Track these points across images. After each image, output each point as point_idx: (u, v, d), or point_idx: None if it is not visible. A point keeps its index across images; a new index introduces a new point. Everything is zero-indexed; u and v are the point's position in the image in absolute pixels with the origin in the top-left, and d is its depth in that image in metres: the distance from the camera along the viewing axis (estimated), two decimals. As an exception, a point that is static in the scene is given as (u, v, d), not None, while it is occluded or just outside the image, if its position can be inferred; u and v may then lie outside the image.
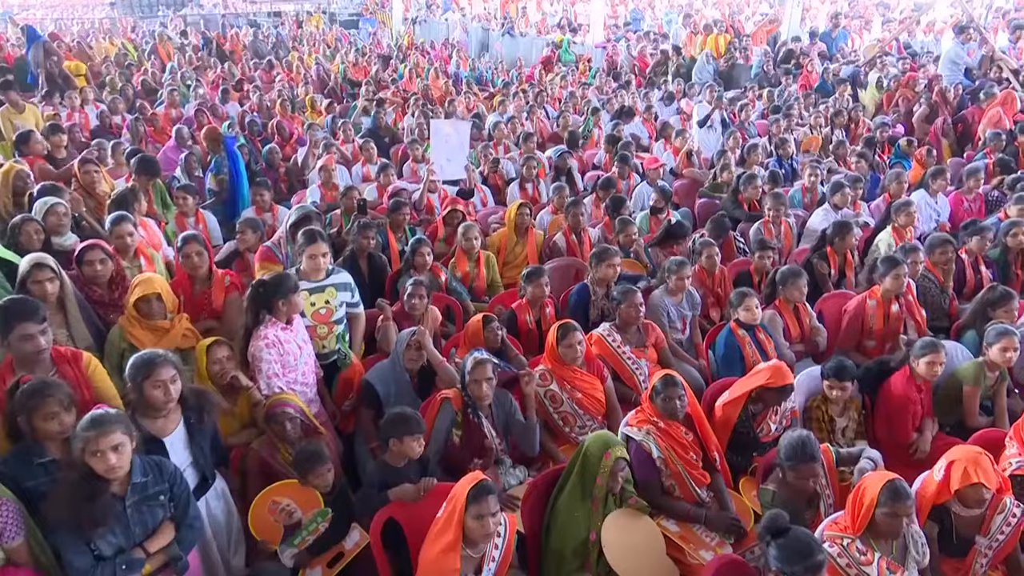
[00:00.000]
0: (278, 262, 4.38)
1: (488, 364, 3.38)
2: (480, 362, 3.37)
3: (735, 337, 4.14)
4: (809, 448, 2.94)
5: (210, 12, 23.33)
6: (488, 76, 14.66)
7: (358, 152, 7.98)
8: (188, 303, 3.95)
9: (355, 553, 3.00)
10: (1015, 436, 3.24)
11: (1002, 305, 4.24)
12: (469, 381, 3.38)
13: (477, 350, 3.49)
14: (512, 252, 5.56)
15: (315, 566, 2.93)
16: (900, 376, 3.74)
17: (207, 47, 16.04)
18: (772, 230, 5.72)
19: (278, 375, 3.46)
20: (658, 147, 8.58)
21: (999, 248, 5.26)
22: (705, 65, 12.61)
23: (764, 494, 3.09)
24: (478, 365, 3.36)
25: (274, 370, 3.45)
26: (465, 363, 3.42)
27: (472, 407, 3.41)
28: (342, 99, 12.11)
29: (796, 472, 2.95)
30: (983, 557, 2.89)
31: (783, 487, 3.04)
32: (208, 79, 12.69)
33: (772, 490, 3.07)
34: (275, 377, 3.45)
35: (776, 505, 2.96)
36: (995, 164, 7.24)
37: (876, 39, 13.84)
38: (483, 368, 3.36)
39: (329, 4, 24.99)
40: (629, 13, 19.48)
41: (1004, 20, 14.34)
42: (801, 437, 2.98)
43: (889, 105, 10.07)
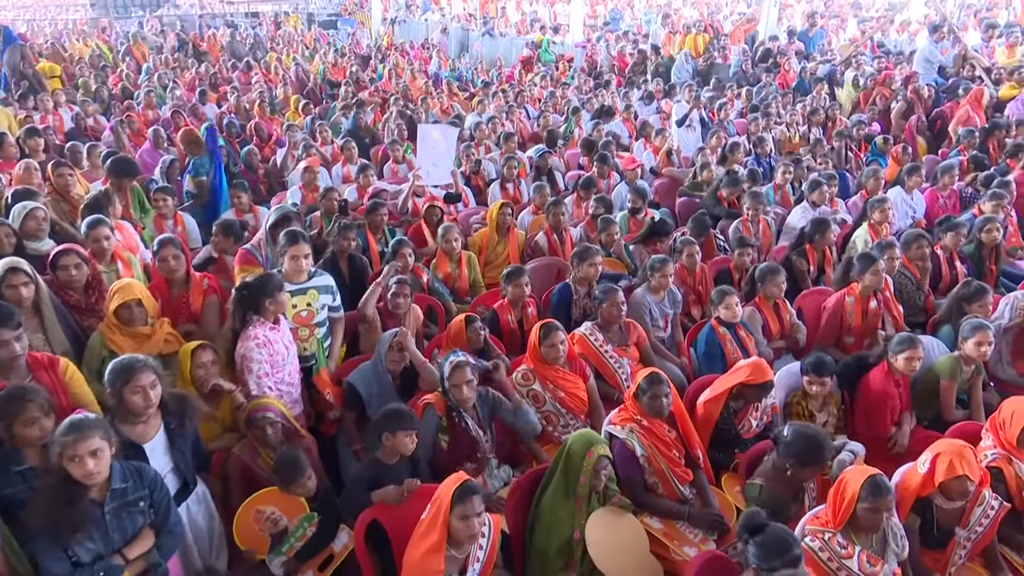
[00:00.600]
0: (258, 264, 4.34)
1: (467, 367, 3.35)
2: (458, 366, 3.33)
3: (716, 335, 4.17)
4: (826, 451, 2.96)
5: (186, 12, 23.09)
6: (468, 76, 14.64)
7: (338, 153, 7.93)
8: (166, 307, 3.91)
9: (344, 555, 2.99)
10: (990, 428, 3.29)
11: (976, 300, 4.30)
12: (449, 386, 3.36)
13: (453, 353, 3.47)
14: (494, 252, 5.56)
15: (305, 571, 2.91)
16: (878, 371, 3.79)
17: (183, 48, 15.88)
18: (751, 228, 5.77)
19: (268, 375, 3.44)
20: (638, 146, 8.63)
21: (973, 244, 5.35)
22: (684, 64, 12.70)
23: (751, 488, 3.10)
24: (456, 369, 3.33)
25: (264, 370, 3.43)
26: (443, 368, 3.40)
27: (456, 410, 3.41)
28: (321, 100, 12.04)
29: (803, 471, 2.96)
30: (962, 548, 2.93)
31: (773, 482, 3.05)
32: (185, 80, 12.55)
33: (760, 484, 3.08)
34: (265, 377, 3.43)
35: (764, 499, 2.99)
36: (969, 161, 7.36)
37: (850, 38, 14.02)
38: (462, 372, 3.33)
39: (307, 4, 24.83)
40: (608, 13, 19.55)
41: (976, 19, 14.57)
42: (817, 438, 2.97)
43: (866, 103, 10.20)
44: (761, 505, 2.93)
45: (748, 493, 3.11)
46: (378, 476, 3.09)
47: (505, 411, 3.53)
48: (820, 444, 2.95)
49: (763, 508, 2.87)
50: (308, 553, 2.92)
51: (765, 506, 2.88)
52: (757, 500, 3.02)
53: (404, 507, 2.96)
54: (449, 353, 3.49)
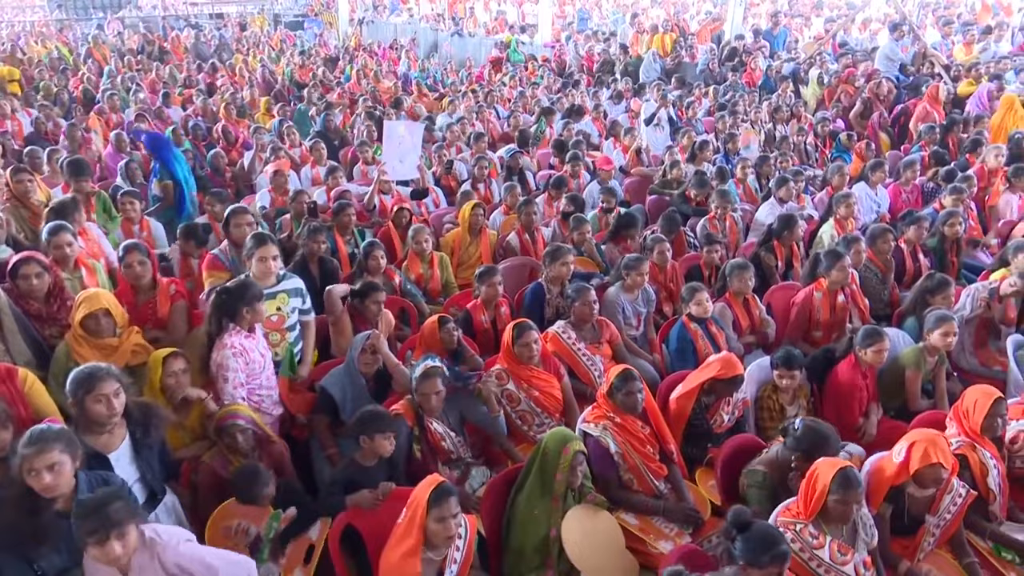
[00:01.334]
0: (225, 270, 4.28)
1: (437, 379, 3.34)
2: (428, 376, 3.32)
3: (687, 331, 4.21)
4: (832, 447, 2.99)
5: (149, 14, 22.70)
6: (438, 77, 14.60)
7: (307, 155, 7.86)
8: (132, 313, 3.83)
9: (323, 540, 2.96)
10: (954, 417, 3.36)
11: (939, 292, 4.39)
12: (418, 395, 3.35)
13: (428, 357, 3.46)
14: (466, 252, 5.55)
15: (292, 570, 2.88)
16: (846, 364, 3.86)
17: (146, 50, 15.60)
18: (718, 225, 5.84)
19: (243, 384, 3.39)
20: (608, 145, 8.68)
21: (936, 237, 5.46)
22: (652, 64, 12.80)
23: (755, 474, 3.11)
24: (426, 379, 3.32)
25: (240, 379, 3.38)
26: (414, 374, 3.38)
27: (424, 418, 3.40)
28: (289, 102, 11.91)
29: (807, 464, 2.95)
30: (931, 536, 2.99)
31: (776, 471, 3.06)
32: (148, 82, 12.34)
33: (763, 471, 3.10)
34: (240, 387, 3.38)
35: (767, 487, 3.02)
36: (930, 156, 7.53)
37: (814, 36, 14.25)
38: (432, 382, 3.33)
39: (273, 5, 24.55)
40: (576, 13, 19.62)
41: (934, 17, 14.90)
42: (826, 434, 3.01)
43: (830, 100, 10.38)
44: (763, 491, 2.97)
45: (751, 479, 3.11)
46: (355, 478, 3.07)
47: (473, 412, 3.52)
48: (828, 440, 3.00)
49: (763, 494, 2.91)
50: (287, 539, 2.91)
51: (766, 492, 2.91)
52: (761, 487, 3.04)
53: (379, 510, 2.95)
54: (423, 357, 3.47)
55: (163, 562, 2.31)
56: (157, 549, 2.31)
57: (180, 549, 2.36)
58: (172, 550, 2.34)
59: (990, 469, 3.19)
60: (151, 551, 2.31)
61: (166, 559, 2.32)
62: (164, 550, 2.32)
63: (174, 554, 2.33)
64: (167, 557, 2.32)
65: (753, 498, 3.05)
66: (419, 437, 3.40)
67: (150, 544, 2.32)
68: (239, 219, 4.36)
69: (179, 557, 2.34)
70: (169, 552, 2.33)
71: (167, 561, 2.32)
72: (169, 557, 2.32)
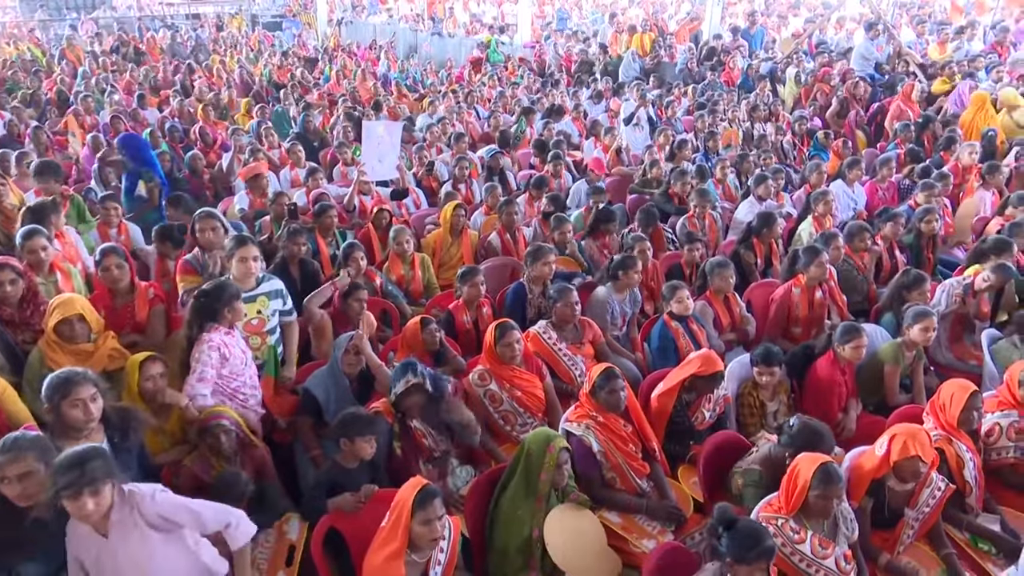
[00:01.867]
0: (198, 274, 4.21)
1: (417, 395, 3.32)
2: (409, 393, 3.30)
3: (669, 329, 4.24)
4: (826, 445, 3.01)
5: (124, 14, 22.40)
6: (418, 77, 14.56)
7: (285, 156, 7.80)
8: (109, 317, 3.78)
9: (304, 541, 2.95)
10: (931, 411, 3.41)
11: (916, 288, 4.46)
12: (398, 401, 3.34)
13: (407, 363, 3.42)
14: (448, 253, 5.54)
15: (275, 572, 2.86)
16: (825, 360, 3.90)
17: (121, 50, 15.40)
18: (697, 223, 5.87)
19: (207, 380, 3.34)
20: (588, 145, 8.70)
21: (912, 233, 5.54)
22: (631, 63, 12.86)
23: (751, 474, 3.13)
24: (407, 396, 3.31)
25: (208, 375, 3.34)
26: (395, 384, 3.34)
27: (405, 417, 3.40)
28: (267, 103, 11.82)
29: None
30: (910, 528, 3.03)
31: (770, 469, 3.07)
32: (124, 83, 12.18)
33: (759, 469, 3.12)
34: (203, 383, 3.33)
35: (762, 486, 3.03)
36: (905, 154, 7.63)
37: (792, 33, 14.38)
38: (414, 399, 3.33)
39: (251, 5, 24.33)
40: (556, 13, 19.65)
41: (908, 16, 15.10)
42: (821, 432, 3.04)
43: (807, 99, 10.48)
44: (759, 490, 2.98)
45: (747, 479, 3.12)
46: (337, 480, 3.06)
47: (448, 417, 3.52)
48: (822, 438, 3.02)
49: (760, 493, 2.93)
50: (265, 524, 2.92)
51: (763, 491, 2.93)
52: (757, 486, 3.06)
53: (362, 513, 2.94)
54: (404, 362, 3.45)
55: (144, 514, 2.35)
56: (136, 500, 2.35)
57: (158, 499, 2.39)
58: (151, 501, 2.37)
59: (966, 462, 3.24)
60: (130, 504, 2.35)
61: (146, 510, 2.36)
62: (143, 501, 2.36)
63: (153, 504, 2.38)
64: (147, 508, 2.36)
65: (749, 496, 3.05)
66: (399, 435, 3.39)
67: (129, 498, 2.35)
68: (205, 224, 4.30)
69: (159, 507, 2.39)
70: (148, 503, 2.36)
71: (148, 512, 2.36)
72: (149, 508, 2.36)
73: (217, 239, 4.26)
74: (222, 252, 4.17)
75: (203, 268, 4.21)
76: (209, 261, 4.22)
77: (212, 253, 4.24)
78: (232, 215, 6.38)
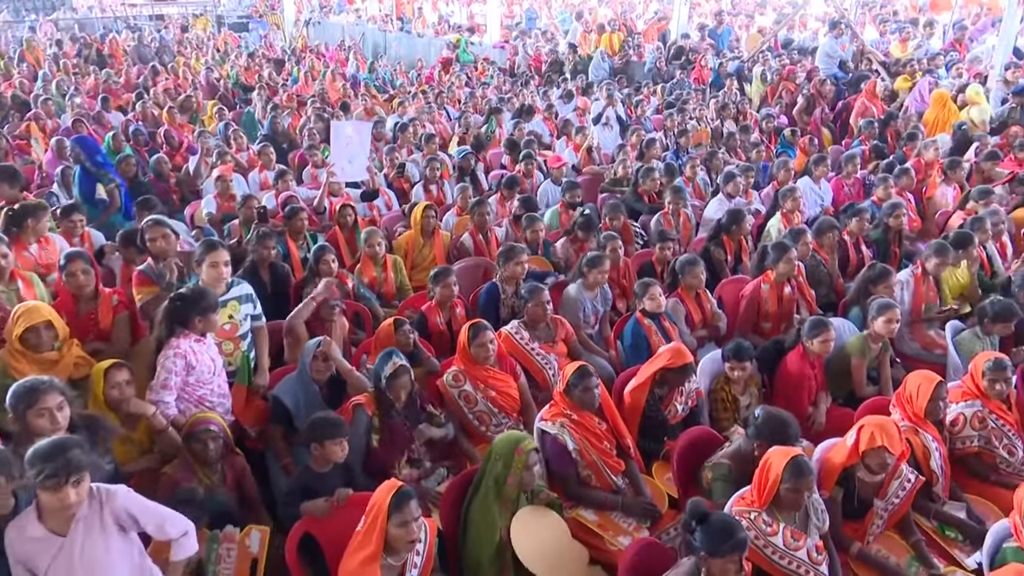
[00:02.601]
0: (154, 284, 4.07)
1: (405, 376, 3.42)
2: (397, 375, 3.38)
3: (641, 326, 4.26)
4: (792, 432, 3.06)
5: (85, 16, 21.96)
6: (387, 78, 14.47)
7: (255, 159, 7.70)
8: (72, 324, 3.69)
9: (265, 554, 2.91)
10: (897, 402, 3.48)
11: (882, 281, 4.54)
12: (388, 385, 3.37)
13: (389, 352, 3.45)
14: (420, 254, 5.52)
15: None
16: (795, 354, 3.96)
17: (82, 52, 15.09)
18: (671, 221, 5.92)
19: (170, 388, 3.30)
20: (560, 144, 8.72)
21: (880, 228, 5.64)
22: (601, 63, 12.93)
23: (719, 468, 3.15)
24: (395, 379, 3.38)
25: (172, 382, 3.29)
26: (383, 369, 3.38)
27: (390, 407, 3.40)
28: (235, 105, 11.66)
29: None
30: (879, 519, 3.09)
31: (740, 463, 3.11)
32: (86, 86, 11.93)
33: (728, 463, 3.14)
34: (166, 390, 3.29)
35: (732, 479, 3.05)
36: (870, 150, 7.77)
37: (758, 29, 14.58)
38: (401, 381, 3.41)
39: (216, 6, 23.99)
40: (524, 13, 19.67)
41: (871, 15, 15.38)
42: (786, 420, 3.09)
43: (773, 97, 10.63)
44: (728, 484, 3.01)
45: (716, 472, 3.14)
46: (311, 486, 3.03)
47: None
48: (787, 426, 3.08)
49: (728, 487, 2.95)
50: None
51: (731, 485, 2.95)
52: (727, 479, 3.08)
53: (336, 517, 2.91)
54: (385, 352, 3.47)
55: (113, 510, 2.36)
56: (104, 497, 2.35)
57: (131, 496, 2.41)
58: (123, 498, 2.39)
59: (932, 452, 3.31)
60: (99, 501, 2.35)
61: (115, 506, 2.36)
62: (114, 498, 2.36)
63: (125, 500, 2.39)
64: (116, 504, 2.36)
65: (718, 491, 3.08)
66: (379, 428, 3.38)
67: (97, 494, 2.34)
68: (155, 232, 4.11)
69: (128, 503, 2.40)
70: (119, 499, 2.37)
71: (116, 508, 2.37)
72: (118, 503, 2.37)
73: (169, 247, 4.12)
74: (177, 259, 4.10)
75: (159, 277, 4.07)
76: (165, 270, 4.06)
77: (167, 261, 4.10)
78: (200, 219, 6.29)
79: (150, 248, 4.12)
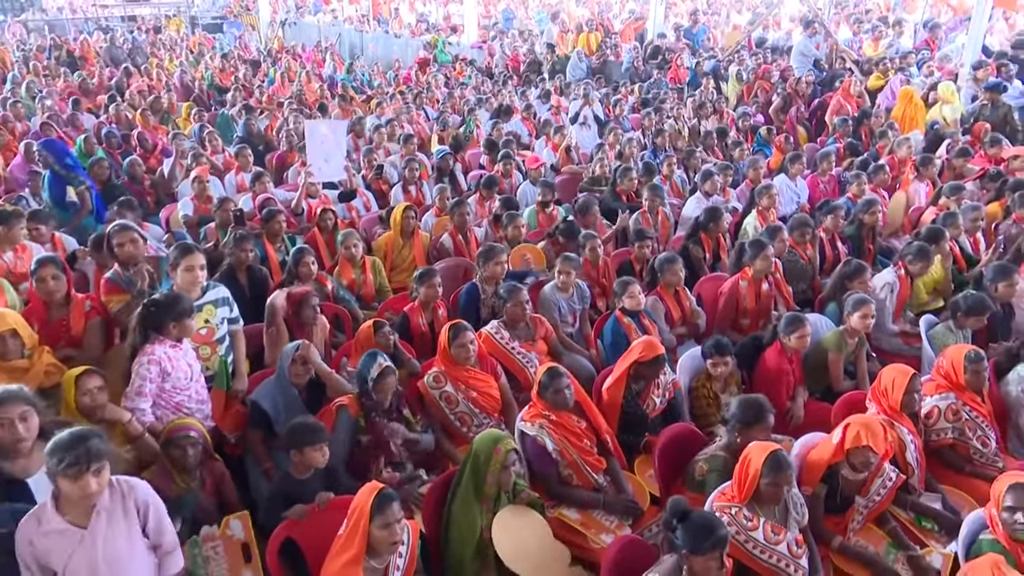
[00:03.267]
0: (124, 292, 3.99)
1: (391, 377, 3.43)
2: (384, 376, 3.38)
3: (621, 325, 4.28)
4: (766, 412, 3.12)
5: (55, 17, 21.59)
6: (365, 79, 14.39)
7: (230, 161, 7.62)
8: (43, 330, 3.64)
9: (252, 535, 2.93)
10: (873, 397, 3.52)
11: (857, 277, 4.60)
12: (374, 387, 3.36)
13: (373, 354, 3.44)
14: (399, 255, 5.50)
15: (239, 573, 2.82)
16: (773, 350, 4.00)
17: (53, 53, 14.84)
18: (650, 219, 5.95)
19: (145, 395, 3.26)
20: (539, 144, 8.73)
21: (855, 225, 5.71)
22: (578, 63, 12.97)
23: (715, 460, 3.17)
24: (382, 379, 3.38)
25: (147, 389, 3.25)
26: (370, 370, 3.37)
27: (374, 410, 3.39)
28: (209, 107, 11.53)
29: (749, 433, 3.09)
30: (859, 515, 3.13)
31: (734, 455, 3.08)
32: (57, 88, 11.73)
33: (723, 455, 3.16)
34: (141, 396, 3.24)
35: (726, 472, 3.05)
36: (845, 148, 7.87)
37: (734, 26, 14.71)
38: (387, 382, 3.41)
39: (189, 7, 23.72)
40: (500, 13, 19.68)
41: (844, 14, 15.57)
42: (758, 401, 3.15)
43: (748, 96, 10.72)
44: (723, 476, 3.03)
45: (712, 464, 3.16)
46: (292, 492, 3.00)
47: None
48: (761, 406, 3.13)
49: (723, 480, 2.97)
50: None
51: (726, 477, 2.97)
52: (721, 471, 3.10)
53: (318, 521, 2.89)
54: (369, 354, 3.46)
55: (136, 499, 2.43)
56: (124, 489, 2.42)
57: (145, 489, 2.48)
58: (140, 489, 2.46)
59: (907, 444, 3.35)
60: (121, 492, 2.41)
61: (137, 498, 2.44)
62: (132, 489, 2.43)
63: (143, 493, 2.47)
64: (138, 496, 2.44)
65: (712, 483, 3.09)
66: (364, 428, 3.38)
67: (119, 485, 2.41)
68: (122, 237, 4.01)
69: (148, 496, 2.48)
70: (139, 491, 2.45)
71: (138, 499, 2.44)
72: (140, 495, 2.45)
73: (138, 252, 4.03)
74: (147, 264, 4.03)
75: (130, 284, 3.97)
76: (135, 277, 3.96)
77: (138, 267, 4.00)
78: (176, 222, 6.21)
79: (118, 254, 4.03)
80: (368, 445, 3.38)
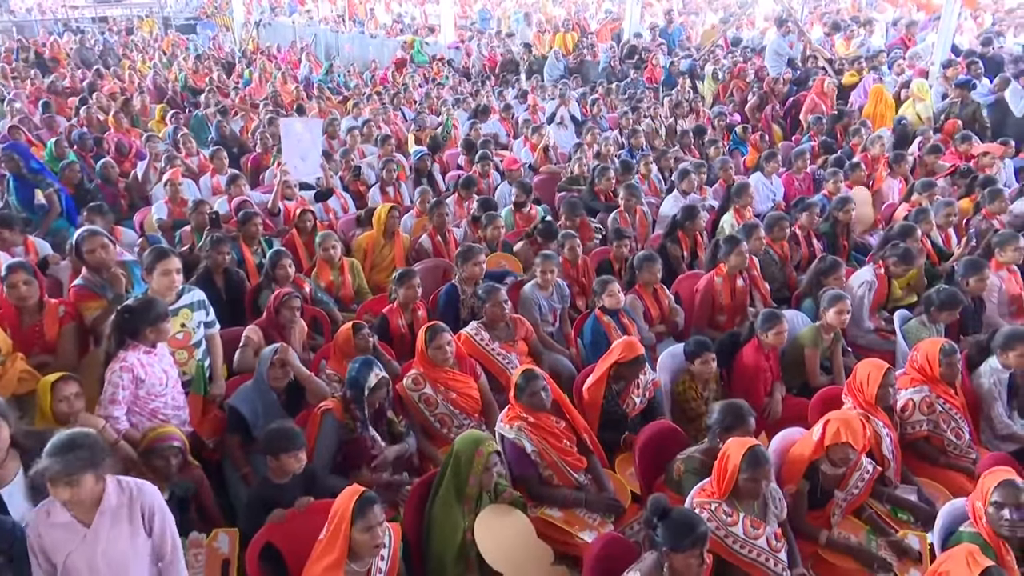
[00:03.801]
0: (98, 298, 3.90)
1: (384, 388, 3.42)
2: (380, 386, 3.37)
3: (600, 323, 4.30)
4: (746, 415, 3.14)
5: (24, 18, 21.22)
6: (342, 80, 14.31)
7: (205, 163, 7.53)
8: (16, 337, 3.57)
9: (236, 554, 2.89)
10: (848, 391, 3.57)
11: (832, 273, 4.65)
12: (369, 395, 3.33)
13: (365, 361, 3.41)
14: (380, 255, 5.47)
15: None
16: (750, 347, 4.03)
17: (21, 55, 14.59)
18: (627, 218, 5.98)
19: (119, 402, 3.20)
20: (517, 144, 8.74)
21: (829, 222, 5.78)
22: (555, 63, 13.00)
23: (691, 461, 3.19)
24: (379, 389, 3.37)
25: (121, 396, 3.20)
26: (367, 378, 3.33)
27: (360, 415, 3.36)
28: (183, 108, 11.40)
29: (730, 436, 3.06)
30: (838, 508, 3.17)
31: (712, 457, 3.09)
32: (26, 91, 11.53)
33: (700, 457, 3.18)
34: (115, 404, 3.19)
35: (701, 473, 3.08)
36: (819, 146, 7.97)
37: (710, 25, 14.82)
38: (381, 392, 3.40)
39: (162, 8, 23.42)
40: (477, 14, 19.66)
41: (817, 13, 15.75)
42: (737, 405, 3.17)
43: (724, 95, 10.81)
44: (698, 477, 3.05)
45: (688, 465, 3.18)
46: (271, 497, 2.97)
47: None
48: (741, 409, 3.15)
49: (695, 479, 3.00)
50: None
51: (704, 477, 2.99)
52: (696, 472, 3.12)
53: (298, 526, 2.86)
54: (359, 360, 3.43)
55: (143, 503, 2.44)
56: (133, 491, 2.43)
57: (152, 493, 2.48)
58: (148, 493, 2.47)
59: (883, 438, 3.40)
60: (127, 494, 2.42)
61: (145, 502, 2.44)
62: (141, 492, 2.44)
63: (151, 497, 2.47)
64: (146, 500, 2.45)
65: (689, 484, 3.10)
66: (352, 427, 3.37)
67: (127, 487, 2.42)
68: (93, 243, 3.89)
69: (155, 500, 2.48)
70: (147, 495, 2.46)
71: (145, 503, 2.45)
72: (147, 499, 2.45)
73: (109, 257, 3.94)
74: (120, 269, 3.97)
75: (103, 290, 3.90)
76: (110, 282, 3.90)
77: (110, 272, 3.92)
78: (150, 225, 6.13)
79: (88, 260, 3.93)
80: (349, 451, 3.36)
